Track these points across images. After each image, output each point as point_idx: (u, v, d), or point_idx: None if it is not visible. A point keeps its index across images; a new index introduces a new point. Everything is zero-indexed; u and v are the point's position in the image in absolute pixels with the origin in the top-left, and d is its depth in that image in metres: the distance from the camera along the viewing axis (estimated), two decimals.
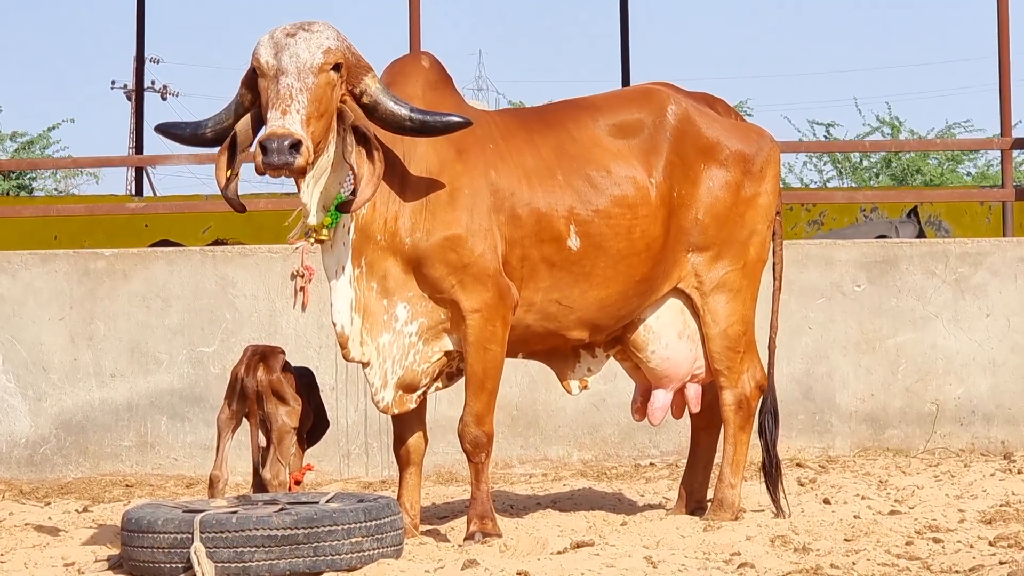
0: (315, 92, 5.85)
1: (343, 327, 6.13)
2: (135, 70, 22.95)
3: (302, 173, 5.85)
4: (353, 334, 6.14)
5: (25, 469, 9.09)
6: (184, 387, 9.11)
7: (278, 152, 5.73)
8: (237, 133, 6.03)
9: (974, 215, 16.28)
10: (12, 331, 9.14)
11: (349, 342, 6.13)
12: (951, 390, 9.35)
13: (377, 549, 5.55)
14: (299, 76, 5.84)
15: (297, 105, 5.81)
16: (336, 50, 5.91)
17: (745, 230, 6.74)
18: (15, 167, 21.86)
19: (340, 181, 6.03)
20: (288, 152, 5.73)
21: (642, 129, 6.61)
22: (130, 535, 5.54)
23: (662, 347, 6.72)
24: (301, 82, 5.84)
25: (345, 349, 6.16)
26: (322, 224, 6.04)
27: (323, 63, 5.87)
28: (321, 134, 5.88)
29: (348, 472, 9.06)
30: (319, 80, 5.86)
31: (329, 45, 5.90)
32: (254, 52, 5.92)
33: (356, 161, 5.92)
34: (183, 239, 14.04)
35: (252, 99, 6.03)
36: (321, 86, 5.87)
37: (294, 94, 5.82)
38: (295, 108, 5.80)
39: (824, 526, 6.53)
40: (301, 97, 5.82)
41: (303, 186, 5.95)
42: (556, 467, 9.10)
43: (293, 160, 5.74)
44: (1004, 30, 10.59)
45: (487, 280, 6.19)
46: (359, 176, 5.91)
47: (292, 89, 5.82)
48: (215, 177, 6.04)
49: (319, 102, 5.86)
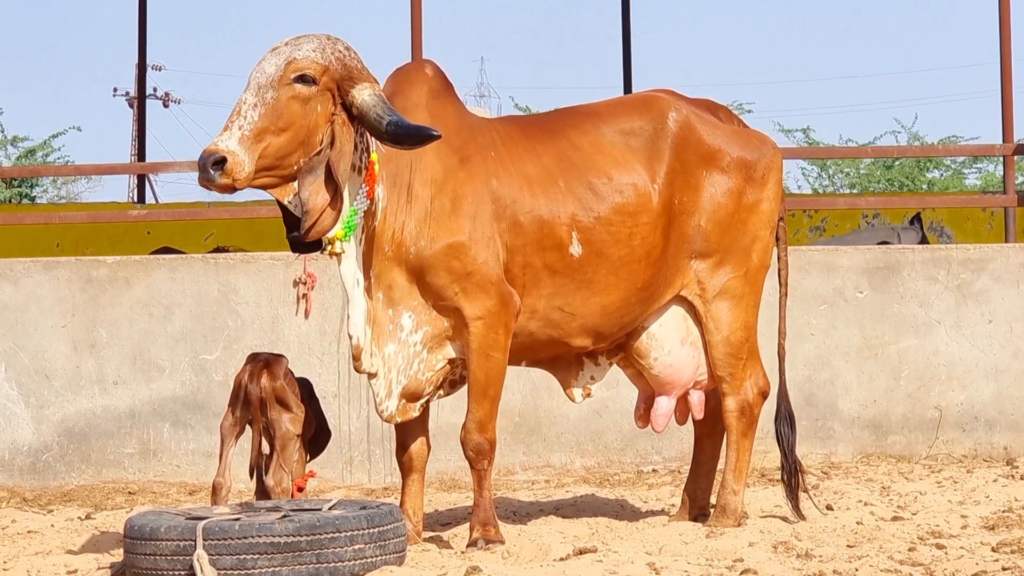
0: (273, 107, 5.82)
1: (359, 340, 6.12)
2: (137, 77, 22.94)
3: (228, 189, 5.81)
4: (366, 346, 6.14)
5: (28, 476, 9.10)
6: (187, 394, 9.11)
7: (202, 168, 5.75)
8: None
9: (976, 221, 16.28)
10: (15, 338, 9.15)
11: (363, 354, 6.13)
12: (953, 396, 9.35)
13: (380, 556, 5.55)
14: (257, 91, 5.84)
15: (242, 121, 5.79)
16: (306, 61, 5.86)
17: (747, 237, 6.74)
18: (17, 174, 21.84)
19: (353, 192, 6.02)
20: (210, 168, 5.73)
21: (644, 136, 6.61)
22: (133, 542, 5.54)
23: (665, 354, 6.72)
24: (257, 97, 5.82)
25: (358, 361, 6.14)
26: (337, 236, 6.02)
27: (282, 76, 5.84)
28: (287, 148, 5.84)
29: (351, 479, 9.06)
30: (280, 94, 5.83)
31: (296, 56, 5.86)
32: None
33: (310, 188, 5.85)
34: (185, 246, 14.05)
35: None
36: (282, 100, 5.84)
37: (244, 110, 5.81)
38: (238, 124, 5.79)
39: (827, 532, 6.53)
40: (252, 113, 5.80)
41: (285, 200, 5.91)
42: (559, 474, 9.10)
43: (214, 176, 5.73)
44: (1006, 35, 10.60)
45: (490, 287, 6.19)
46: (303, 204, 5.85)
47: (244, 105, 5.82)
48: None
49: (277, 117, 5.82)
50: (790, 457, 6.83)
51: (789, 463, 6.83)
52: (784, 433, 6.86)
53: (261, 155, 5.80)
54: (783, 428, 6.87)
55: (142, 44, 16.24)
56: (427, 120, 6.21)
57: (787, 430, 6.87)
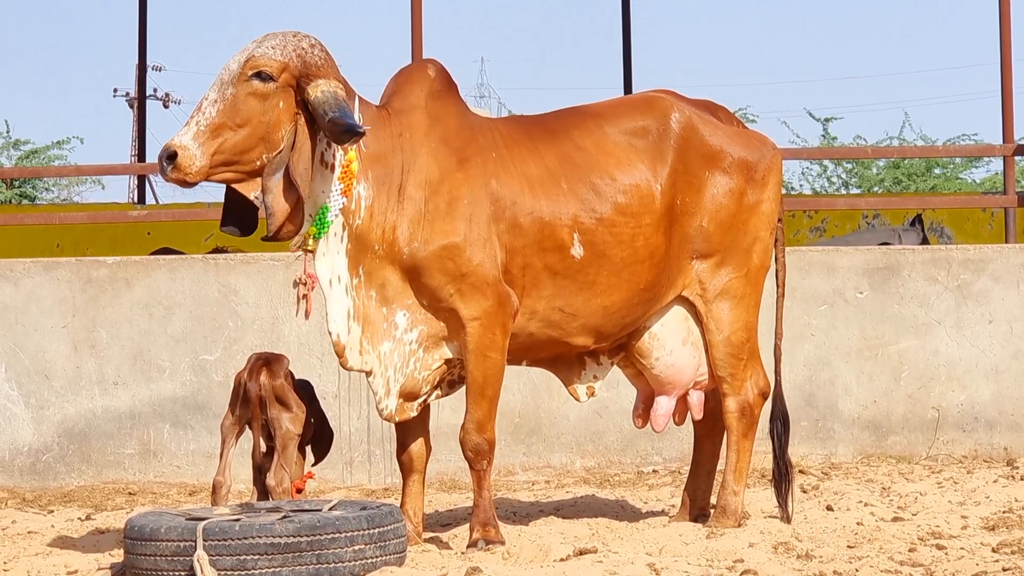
0: (230, 103, 5.89)
1: (339, 336, 6.14)
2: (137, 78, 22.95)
3: (184, 183, 5.91)
4: (351, 343, 6.15)
5: (28, 477, 9.09)
6: (187, 395, 9.11)
7: (158, 162, 5.88)
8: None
9: (976, 221, 16.27)
10: (15, 339, 9.15)
11: (346, 351, 6.15)
12: (954, 397, 9.35)
13: (380, 557, 5.55)
14: (218, 88, 5.94)
15: (200, 116, 5.90)
16: (264, 59, 5.91)
17: (748, 237, 6.74)
18: (18, 175, 21.85)
19: (325, 190, 6.03)
20: (163, 162, 5.86)
21: (646, 137, 6.61)
22: (133, 543, 5.54)
23: (666, 354, 6.72)
24: (218, 94, 5.92)
25: (342, 358, 6.17)
26: (308, 234, 6.05)
27: (240, 73, 5.91)
28: (245, 144, 5.90)
29: (351, 479, 9.06)
30: (238, 91, 5.90)
31: (256, 53, 5.93)
32: None
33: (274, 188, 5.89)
34: (186, 247, 14.04)
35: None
36: (240, 97, 5.90)
37: (204, 106, 5.92)
38: (196, 120, 5.90)
39: (827, 533, 6.53)
40: (210, 109, 5.91)
41: (252, 194, 5.98)
42: (559, 474, 9.10)
43: (166, 170, 5.86)
44: (1006, 35, 10.59)
45: (486, 288, 6.19)
46: (266, 205, 5.91)
47: (206, 101, 5.93)
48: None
49: (234, 113, 5.89)
50: (782, 458, 6.83)
51: (781, 464, 6.83)
52: (778, 433, 6.86)
53: (217, 150, 5.89)
54: (777, 428, 6.87)
55: (142, 44, 16.23)
56: (425, 121, 6.22)
57: (781, 430, 6.87)
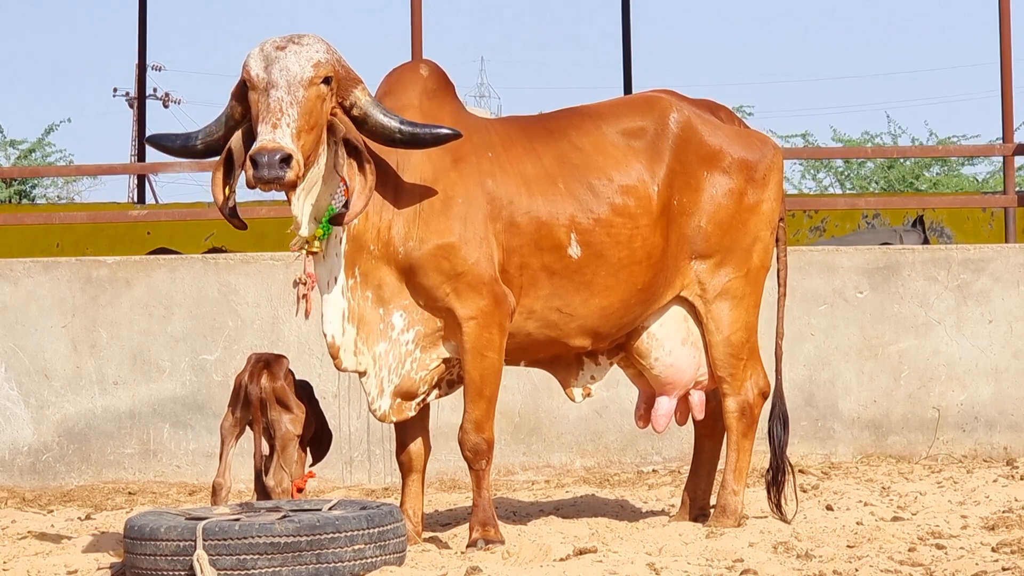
0: (305, 105, 5.87)
1: (334, 337, 6.15)
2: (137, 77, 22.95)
3: (292, 187, 5.87)
4: (346, 344, 6.16)
5: (28, 477, 9.09)
6: (187, 395, 9.11)
7: (268, 166, 5.76)
8: (232, 149, 6.04)
9: (976, 221, 16.28)
10: (15, 339, 9.15)
11: (340, 352, 6.16)
12: (953, 396, 9.35)
13: (380, 556, 5.55)
14: (289, 90, 5.87)
15: (287, 119, 5.84)
16: (326, 63, 5.93)
17: (748, 237, 6.73)
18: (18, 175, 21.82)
19: (331, 193, 6.04)
20: (278, 166, 5.76)
21: (644, 137, 6.61)
22: (133, 543, 5.54)
23: (666, 354, 6.72)
24: (291, 96, 5.86)
25: (337, 359, 6.18)
26: (314, 236, 6.05)
27: (313, 76, 5.90)
28: (311, 147, 5.91)
29: (351, 479, 9.06)
30: (309, 93, 5.89)
31: (319, 58, 5.93)
32: (244, 65, 5.95)
33: (348, 174, 5.95)
34: (185, 247, 14.04)
35: (242, 112, 6.05)
36: (311, 99, 5.89)
37: (284, 108, 5.85)
38: (285, 122, 5.83)
39: (827, 532, 6.53)
40: (291, 111, 5.85)
41: (294, 199, 5.99)
42: (559, 474, 9.10)
43: (283, 174, 5.76)
44: (1006, 35, 10.60)
45: (482, 288, 6.19)
46: (351, 189, 5.94)
47: (282, 103, 5.85)
48: (212, 195, 6.08)
49: (309, 115, 5.88)
50: (780, 458, 6.83)
51: (778, 464, 6.83)
52: (777, 433, 6.86)
53: (302, 150, 5.87)
54: (776, 428, 6.87)
55: (142, 44, 16.24)
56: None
57: (780, 430, 6.87)
